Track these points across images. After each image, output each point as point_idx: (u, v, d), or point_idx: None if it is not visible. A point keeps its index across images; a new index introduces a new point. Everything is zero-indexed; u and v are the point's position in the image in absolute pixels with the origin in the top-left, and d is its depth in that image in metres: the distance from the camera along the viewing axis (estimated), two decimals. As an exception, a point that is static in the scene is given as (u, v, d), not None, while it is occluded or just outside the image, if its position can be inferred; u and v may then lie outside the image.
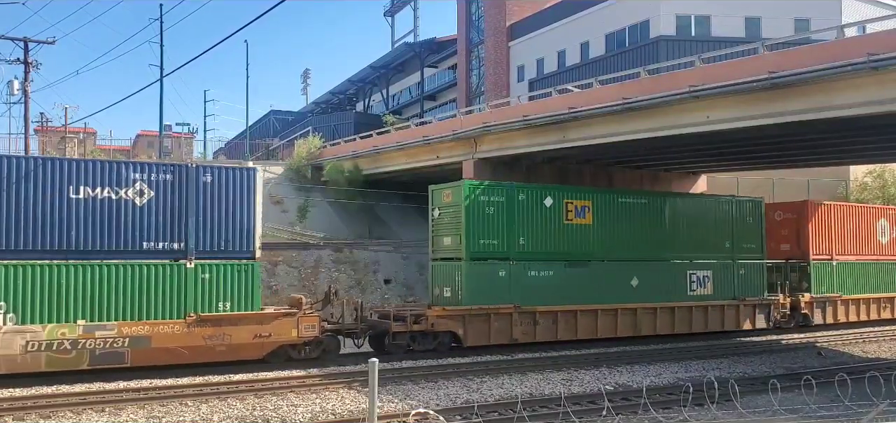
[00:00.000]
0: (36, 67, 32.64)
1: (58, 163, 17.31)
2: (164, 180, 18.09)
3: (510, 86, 55.84)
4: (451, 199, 22.30)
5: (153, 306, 17.66)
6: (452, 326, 21.34)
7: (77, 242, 17.16)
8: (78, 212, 17.21)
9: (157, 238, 17.98)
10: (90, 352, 16.95)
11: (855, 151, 28.71)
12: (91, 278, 17.12)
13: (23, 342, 16.25)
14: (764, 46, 21.01)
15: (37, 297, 16.55)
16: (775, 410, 13.18)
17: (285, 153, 56.97)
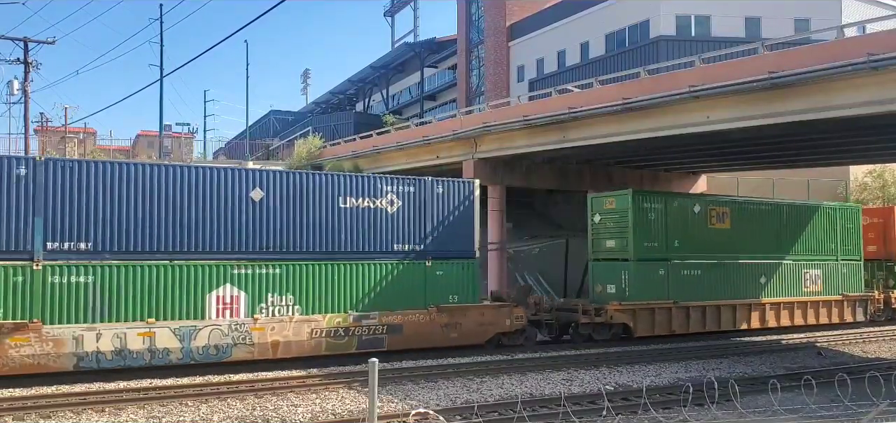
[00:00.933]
0: (36, 67, 32.72)
1: (333, 177, 20.39)
2: (408, 192, 21.02)
3: (510, 86, 55.85)
4: (614, 206, 24.54)
5: (402, 299, 20.43)
6: (625, 319, 23.46)
7: (344, 244, 19.89)
8: (345, 219, 20.04)
9: (403, 241, 20.85)
10: (358, 338, 19.81)
11: (855, 151, 28.73)
12: (355, 275, 19.96)
13: (309, 330, 19.06)
14: (764, 46, 21.02)
15: (315, 290, 19.37)
16: (775, 410, 13.17)
17: (285, 153, 56.97)
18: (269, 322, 18.56)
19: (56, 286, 16.46)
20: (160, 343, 17.25)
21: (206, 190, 18.24)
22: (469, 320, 21.33)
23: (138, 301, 17.18)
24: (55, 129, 53.46)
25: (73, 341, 16.38)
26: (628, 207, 23.74)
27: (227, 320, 18.07)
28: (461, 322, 21.14)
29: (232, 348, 18.13)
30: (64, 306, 16.52)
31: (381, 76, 73.56)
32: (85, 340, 16.48)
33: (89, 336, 16.51)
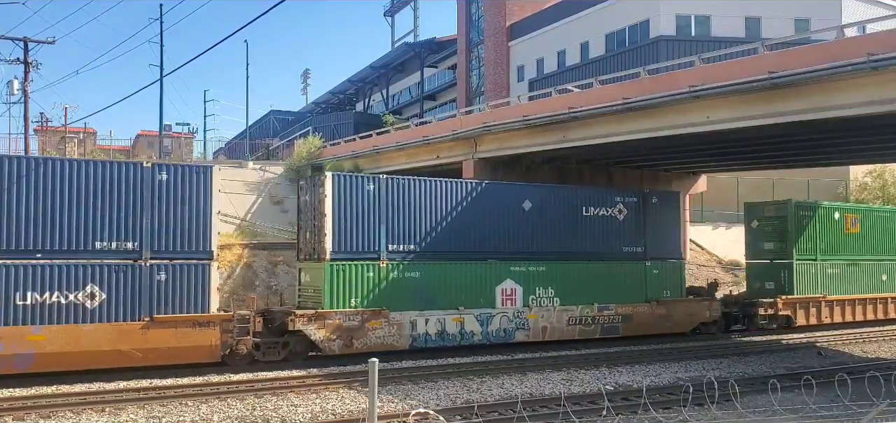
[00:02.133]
0: (36, 67, 32.68)
1: (579, 191, 24.90)
2: (631, 202, 25.09)
3: (510, 86, 55.83)
4: (773, 213, 28.20)
5: (629, 293, 24.44)
6: (789, 311, 26.69)
7: (588, 246, 23.96)
8: (587, 225, 24.06)
9: (629, 244, 24.77)
10: (601, 325, 23.86)
11: (855, 151, 28.72)
12: (596, 272, 23.84)
13: (567, 317, 23.21)
14: (764, 46, 21.00)
15: (570, 285, 23.32)
16: (775, 410, 13.17)
17: (285, 153, 56.95)
18: (540, 311, 22.76)
19: (394, 280, 20.59)
20: (468, 327, 21.46)
21: (492, 202, 22.50)
22: (679, 312, 25.38)
23: (451, 292, 21.35)
24: (55, 129, 53.44)
25: (409, 325, 20.56)
26: (788, 215, 27.61)
27: (510, 309, 22.28)
28: (673, 313, 25.19)
29: (514, 331, 22.32)
30: (401, 297, 20.53)
31: (381, 76, 73.54)
32: (417, 323, 20.71)
33: (420, 321, 20.81)
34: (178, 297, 17.81)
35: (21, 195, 16.70)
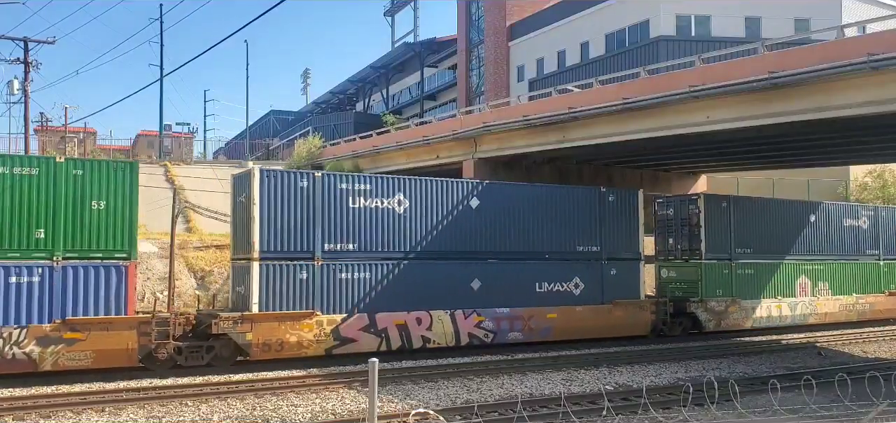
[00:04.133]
0: (36, 67, 32.71)
1: (838, 206, 29.59)
2: (874, 216, 30.31)
3: (510, 86, 55.85)
4: None
5: (869, 285, 29.75)
6: None
7: (847, 248, 29.21)
8: (848, 233, 29.17)
9: (874, 247, 30.18)
10: (858, 312, 29.32)
11: (855, 151, 28.75)
12: (851, 269, 29.14)
13: (838, 305, 28.60)
14: (764, 46, 21.01)
15: (837, 279, 28.62)
16: (775, 410, 13.17)
17: (285, 153, 57.01)
18: (823, 300, 28.04)
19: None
20: (785, 312, 26.94)
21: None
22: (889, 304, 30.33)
23: (773, 283, 26.91)
24: (55, 129, 53.46)
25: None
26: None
27: (805, 299, 27.65)
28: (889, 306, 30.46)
29: (808, 316, 27.60)
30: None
31: (381, 76, 73.57)
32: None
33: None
34: None
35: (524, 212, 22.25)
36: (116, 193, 17.17)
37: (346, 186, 19.77)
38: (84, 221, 16.77)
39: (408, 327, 20.25)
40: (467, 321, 21.12)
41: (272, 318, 18.25)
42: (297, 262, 18.86)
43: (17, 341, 15.90)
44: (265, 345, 18.16)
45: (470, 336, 21.16)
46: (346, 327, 19.29)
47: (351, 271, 19.59)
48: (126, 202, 17.23)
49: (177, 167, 41.05)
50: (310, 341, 18.75)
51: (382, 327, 19.88)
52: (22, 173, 16.28)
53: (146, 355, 17.12)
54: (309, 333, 18.70)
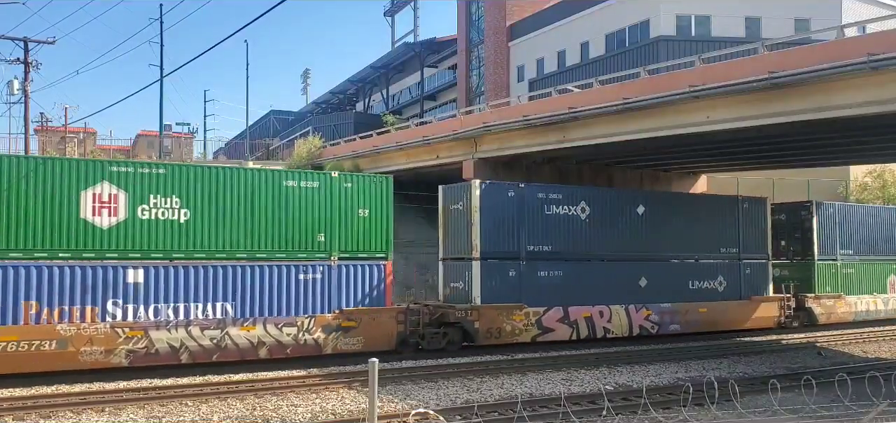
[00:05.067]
0: (36, 67, 32.65)
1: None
2: None
3: (510, 86, 55.83)
4: None
5: None
6: None
7: None
8: None
9: None
10: None
11: (855, 151, 28.72)
12: None
13: None
14: (764, 46, 20.99)
15: None
16: (775, 410, 13.18)
17: (285, 153, 56.99)
18: None
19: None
20: (879, 306, 29.34)
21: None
22: None
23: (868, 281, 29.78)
24: (55, 129, 53.46)
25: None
26: None
27: (894, 295, 30.73)
28: None
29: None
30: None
31: (381, 76, 73.55)
32: None
33: None
34: None
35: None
36: (377, 203, 20.48)
37: (543, 195, 23.25)
38: (353, 226, 20.02)
39: (593, 319, 23.53)
40: (638, 315, 24.46)
41: (492, 309, 21.69)
42: (507, 261, 22.31)
43: (308, 328, 19.00)
44: (487, 332, 21.59)
45: (640, 327, 24.47)
46: (546, 318, 22.66)
47: (547, 269, 22.92)
48: (384, 210, 20.55)
49: (177, 167, 40.89)
50: (520, 330, 22.14)
51: (574, 319, 23.21)
52: (307, 187, 19.55)
53: (401, 341, 20.36)
54: (519, 322, 22.17)
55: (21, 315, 16.23)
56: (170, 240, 17.84)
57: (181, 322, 17.62)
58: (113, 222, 17.34)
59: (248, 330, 18.33)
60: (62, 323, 16.51)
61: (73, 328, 16.53)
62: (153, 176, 17.85)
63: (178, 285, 17.81)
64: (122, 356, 16.99)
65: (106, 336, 16.81)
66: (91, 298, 16.90)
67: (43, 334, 16.25)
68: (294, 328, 18.76)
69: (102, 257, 17.16)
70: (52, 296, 16.54)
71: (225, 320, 18.12)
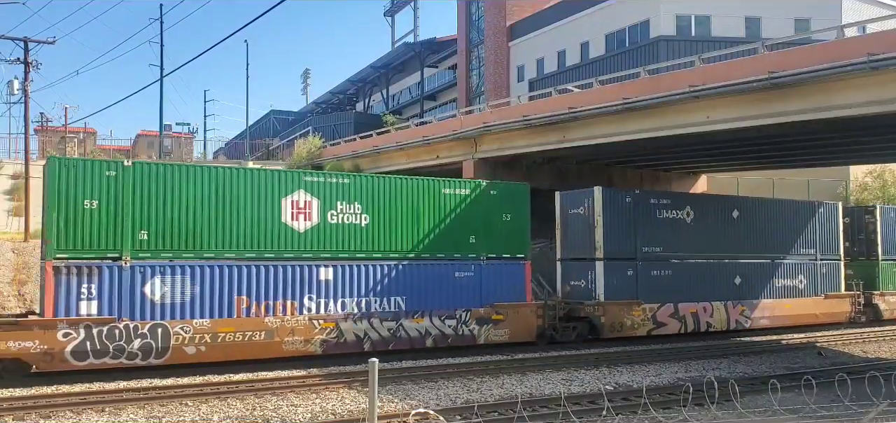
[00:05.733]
0: (36, 67, 32.63)
1: None
2: None
3: (510, 86, 55.82)
4: None
5: None
6: None
7: None
8: None
9: None
10: None
11: (855, 151, 28.74)
12: None
13: None
14: (764, 46, 21.00)
15: None
16: (775, 410, 13.17)
17: (285, 153, 56.98)
18: None
19: None
20: None
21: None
22: None
23: None
24: (55, 129, 53.47)
25: None
26: None
27: None
28: None
29: None
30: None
31: (381, 76, 73.55)
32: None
33: None
34: None
35: None
36: (518, 208, 22.34)
37: (654, 201, 25.20)
38: (498, 229, 21.95)
39: (698, 314, 25.41)
40: (734, 310, 26.22)
41: (615, 305, 23.61)
42: (625, 261, 24.06)
43: (465, 321, 21.16)
44: (611, 326, 23.49)
45: (736, 322, 26.28)
46: (660, 313, 24.51)
47: (659, 269, 24.79)
48: (523, 214, 22.40)
49: (177, 167, 40.87)
50: (638, 324, 24.08)
51: (682, 314, 25.03)
52: (460, 194, 21.70)
53: (539, 333, 22.43)
54: (638, 317, 24.09)
55: (234, 309, 18.26)
56: (353, 241, 20.06)
57: (364, 315, 19.89)
58: (308, 226, 19.46)
59: (418, 322, 20.69)
60: (269, 316, 18.61)
61: (278, 321, 18.70)
62: (339, 185, 20.01)
63: (360, 281, 20.03)
64: (318, 345, 19.19)
65: (305, 328, 19.04)
66: (291, 293, 19.02)
67: (254, 326, 18.34)
68: (454, 321, 21.10)
69: (299, 257, 19.28)
70: (260, 292, 18.60)
71: (399, 313, 20.43)
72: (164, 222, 17.74)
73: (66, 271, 16.69)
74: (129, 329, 17.08)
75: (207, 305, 17.99)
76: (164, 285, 17.56)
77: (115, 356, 16.88)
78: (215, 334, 17.90)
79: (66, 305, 16.67)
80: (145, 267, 17.41)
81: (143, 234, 17.48)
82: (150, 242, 17.53)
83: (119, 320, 17.04)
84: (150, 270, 17.45)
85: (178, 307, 17.66)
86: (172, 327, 17.47)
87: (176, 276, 17.69)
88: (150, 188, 17.66)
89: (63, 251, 16.70)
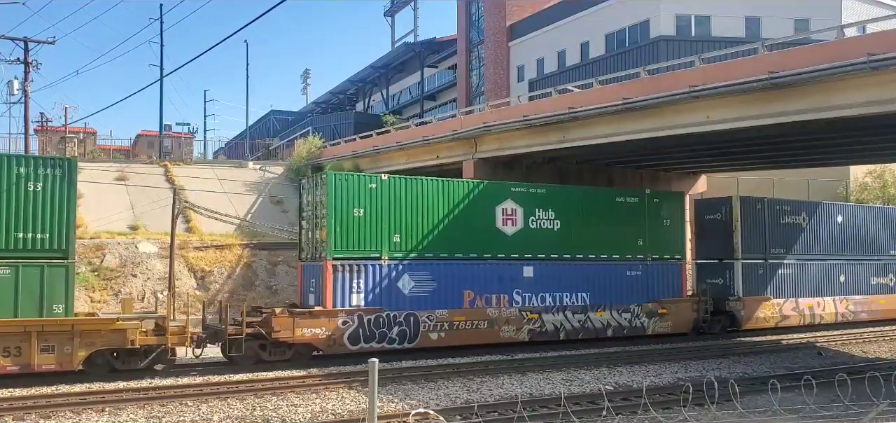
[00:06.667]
0: (36, 67, 32.62)
1: None
2: None
3: (510, 86, 55.80)
4: None
5: None
6: None
7: None
8: None
9: None
10: None
11: (855, 151, 28.71)
12: None
13: None
14: (764, 46, 20.98)
15: None
16: (775, 410, 13.17)
17: (285, 153, 56.94)
18: None
19: None
20: None
21: None
22: None
23: None
24: (55, 129, 53.43)
25: None
26: None
27: None
28: None
29: None
30: None
31: (381, 76, 73.52)
32: None
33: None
34: None
35: None
36: (676, 214, 25.85)
37: (779, 207, 28.40)
38: (660, 233, 25.15)
39: (813, 308, 28.51)
40: (841, 305, 29.37)
41: (753, 300, 26.68)
42: (758, 261, 27.22)
43: (637, 314, 24.34)
44: (749, 319, 26.56)
45: (841, 316, 29.41)
46: (784, 308, 27.58)
47: (784, 268, 27.97)
48: (680, 220, 26.07)
49: (177, 167, 40.99)
50: (769, 318, 27.14)
51: (802, 308, 28.10)
52: (629, 202, 24.96)
53: (694, 326, 25.47)
54: (769, 311, 27.15)
55: (462, 301, 21.59)
56: (548, 243, 23.18)
57: (560, 307, 23.17)
58: (514, 230, 22.76)
59: (601, 315, 23.87)
60: (489, 308, 21.93)
61: (497, 311, 22.10)
62: (538, 195, 23.36)
63: (554, 278, 23.19)
64: (525, 333, 22.48)
65: (516, 318, 22.38)
66: (503, 288, 22.27)
67: (479, 316, 21.75)
68: (628, 314, 24.27)
69: (509, 257, 22.56)
70: (480, 287, 21.91)
71: (585, 307, 23.60)
72: (411, 227, 21.12)
73: (340, 269, 19.94)
74: (389, 318, 20.43)
75: (442, 297, 21.30)
76: (412, 281, 21.01)
77: (379, 340, 20.12)
78: (452, 323, 21.30)
79: (342, 297, 19.92)
80: (398, 265, 20.82)
81: (396, 237, 20.85)
82: (401, 244, 20.90)
83: (382, 309, 20.24)
84: (401, 267, 20.84)
85: (421, 299, 20.97)
86: (420, 316, 20.84)
87: (420, 272, 21.10)
88: (400, 198, 21.00)
89: (338, 252, 19.94)
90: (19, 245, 16.46)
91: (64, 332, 16.40)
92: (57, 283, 16.75)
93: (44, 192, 16.73)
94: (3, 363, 15.79)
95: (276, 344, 18.98)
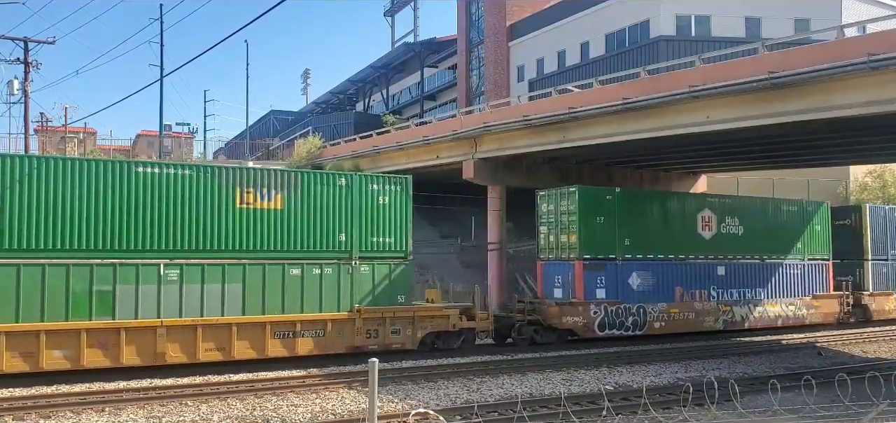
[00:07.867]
0: (36, 67, 32.61)
1: None
2: None
3: (510, 86, 55.77)
4: None
5: None
6: None
7: None
8: None
9: None
10: None
11: (855, 151, 28.72)
12: None
13: None
14: (764, 46, 20.98)
15: None
16: (775, 410, 13.17)
17: (285, 153, 56.93)
18: None
19: None
20: None
21: None
22: None
23: None
24: (55, 129, 53.43)
25: None
26: None
27: None
28: None
29: None
30: None
31: (381, 76, 73.47)
32: None
33: None
34: None
35: None
36: (823, 220, 29.40)
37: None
38: (812, 236, 28.98)
39: None
40: None
41: (881, 295, 30.86)
42: (883, 261, 31.28)
43: (798, 306, 28.08)
44: (878, 311, 30.49)
45: None
46: None
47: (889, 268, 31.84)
48: (826, 225, 29.54)
49: (177, 167, 40.83)
50: (891, 310, 31.06)
51: None
52: (792, 210, 28.82)
53: (839, 319, 28.83)
54: (893, 304, 31.20)
55: (674, 296, 25.35)
56: (735, 246, 26.86)
57: (744, 301, 26.83)
58: (710, 235, 26.44)
59: (773, 307, 27.63)
60: (695, 301, 25.65)
61: (701, 304, 25.80)
62: (727, 204, 27.35)
63: (740, 276, 26.88)
64: (721, 323, 26.16)
65: (714, 310, 26.10)
66: (702, 284, 25.99)
67: (688, 308, 25.57)
68: (793, 306, 27.98)
69: (707, 258, 26.36)
70: (687, 283, 25.66)
71: (763, 300, 27.27)
72: (636, 232, 24.77)
73: (587, 267, 23.70)
74: (625, 309, 24.26)
75: (660, 292, 25.06)
76: (638, 277, 24.72)
77: (618, 328, 23.99)
78: (669, 314, 25.06)
79: (589, 291, 23.69)
80: (628, 264, 24.58)
81: (626, 240, 24.52)
82: (630, 247, 24.53)
83: (621, 301, 23.99)
84: (630, 266, 24.57)
85: (645, 293, 24.68)
86: (648, 308, 24.62)
87: (644, 271, 24.82)
88: (629, 207, 24.81)
89: (586, 253, 23.77)
90: (373, 248, 20.44)
91: (408, 317, 20.46)
92: (400, 278, 20.79)
93: (389, 204, 20.70)
94: (366, 342, 19.64)
95: (547, 329, 23.19)
